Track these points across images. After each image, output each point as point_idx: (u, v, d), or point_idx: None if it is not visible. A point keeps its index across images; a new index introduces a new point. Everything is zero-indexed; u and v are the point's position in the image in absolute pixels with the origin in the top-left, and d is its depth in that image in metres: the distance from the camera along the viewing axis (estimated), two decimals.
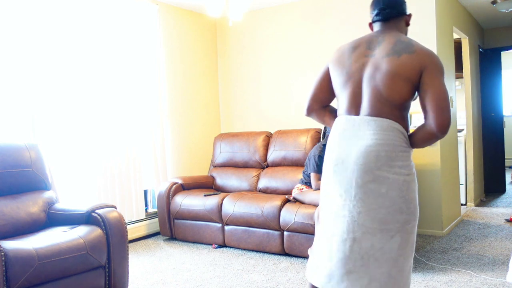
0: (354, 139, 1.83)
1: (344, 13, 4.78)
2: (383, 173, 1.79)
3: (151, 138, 4.68)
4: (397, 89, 1.79)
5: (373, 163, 1.78)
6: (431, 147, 4.37)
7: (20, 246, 2.52)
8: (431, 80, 1.76)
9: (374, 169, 1.79)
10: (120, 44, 4.36)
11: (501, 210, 5.36)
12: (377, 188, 1.79)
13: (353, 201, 1.80)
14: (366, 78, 1.85)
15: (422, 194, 4.43)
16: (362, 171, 1.79)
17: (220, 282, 3.28)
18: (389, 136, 1.80)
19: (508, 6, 5.06)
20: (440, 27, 4.45)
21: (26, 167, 3.14)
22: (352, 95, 1.88)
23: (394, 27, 1.95)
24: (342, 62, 1.93)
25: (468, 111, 5.74)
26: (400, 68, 1.78)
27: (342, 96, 1.92)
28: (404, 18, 1.99)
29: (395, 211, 1.81)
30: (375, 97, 1.82)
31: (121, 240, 2.99)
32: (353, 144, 1.82)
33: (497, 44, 6.64)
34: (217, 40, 5.68)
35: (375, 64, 1.83)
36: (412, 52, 1.79)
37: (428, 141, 1.87)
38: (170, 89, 5.03)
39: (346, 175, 1.82)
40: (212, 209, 4.18)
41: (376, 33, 1.95)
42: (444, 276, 3.22)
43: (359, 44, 1.92)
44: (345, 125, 1.88)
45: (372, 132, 1.80)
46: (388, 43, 1.84)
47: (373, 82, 1.82)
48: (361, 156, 1.80)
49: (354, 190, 1.80)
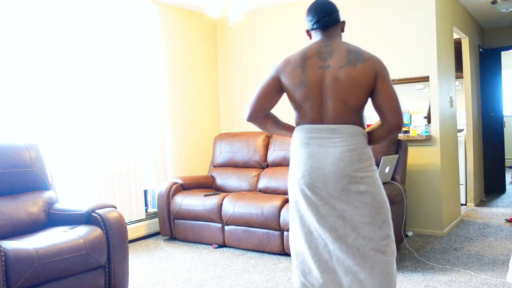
0: (324, 146, 1.95)
1: (344, 12, 4.76)
2: (358, 174, 1.94)
3: (151, 138, 4.68)
4: (358, 96, 1.95)
5: (349, 167, 1.92)
6: (431, 147, 4.37)
7: (20, 246, 2.52)
8: (384, 85, 1.95)
9: (351, 172, 1.92)
10: (120, 44, 4.36)
11: (501, 210, 5.36)
12: (356, 188, 1.93)
13: (338, 202, 1.93)
14: (327, 89, 1.95)
15: (422, 194, 4.43)
16: (340, 176, 1.92)
17: (220, 282, 3.28)
18: (357, 141, 1.96)
19: (508, 6, 5.07)
20: (440, 27, 4.45)
21: (26, 167, 3.14)
22: (315, 105, 1.98)
23: (335, 34, 2.07)
24: (297, 75, 1.99)
25: (468, 111, 5.74)
26: (358, 77, 1.92)
27: (304, 107, 2.01)
28: (340, 25, 2.11)
29: (378, 204, 1.97)
30: (339, 105, 1.95)
31: (121, 240, 2.99)
32: (326, 152, 1.94)
33: (497, 44, 6.64)
34: (217, 40, 5.68)
35: (333, 74, 1.94)
36: (365, 60, 1.94)
37: (387, 138, 2.07)
38: (170, 89, 5.03)
39: (325, 181, 1.93)
40: (212, 209, 4.18)
41: (321, 42, 2.03)
42: (444, 276, 3.22)
43: (310, 55, 2.00)
44: (312, 134, 1.98)
45: (342, 139, 1.94)
46: (339, 53, 1.96)
47: (336, 92, 1.94)
48: (337, 162, 1.92)
49: (336, 193, 1.93)
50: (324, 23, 2.06)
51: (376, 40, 4.60)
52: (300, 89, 1.99)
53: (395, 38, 4.50)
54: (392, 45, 4.52)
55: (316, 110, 1.98)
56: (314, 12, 2.10)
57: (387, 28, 4.54)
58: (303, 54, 2.02)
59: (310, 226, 1.98)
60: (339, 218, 1.93)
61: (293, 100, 2.04)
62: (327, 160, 1.93)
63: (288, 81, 2.02)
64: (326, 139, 1.95)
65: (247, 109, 2.09)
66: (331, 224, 1.94)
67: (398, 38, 4.49)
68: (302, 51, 2.04)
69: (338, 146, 1.93)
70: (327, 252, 1.96)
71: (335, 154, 1.93)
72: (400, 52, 4.48)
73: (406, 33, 4.44)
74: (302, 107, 2.01)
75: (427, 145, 4.39)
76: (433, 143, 4.37)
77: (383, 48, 4.57)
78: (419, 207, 4.44)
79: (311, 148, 1.97)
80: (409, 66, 4.46)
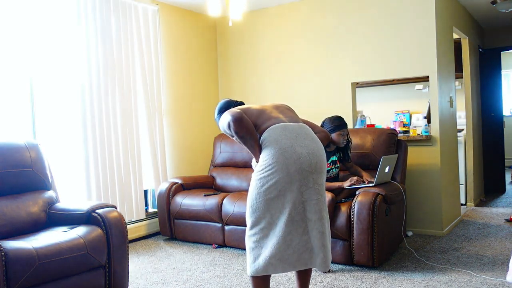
0: (302, 139, 2.36)
1: (344, 13, 4.78)
2: (325, 160, 2.47)
3: (151, 138, 4.68)
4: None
5: (324, 155, 2.43)
6: (431, 147, 4.37)
7: (20, 246, 2.52)
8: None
9: (324, 159, 2.44)
10: (120, 44, 4.35)
11: (501, 210, 5.36)
12: (325, 172, 2.45)
13: (320, 185, 2.37)
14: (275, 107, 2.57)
15: (422, 194, 4.43)
16: (322, 160, 2.40)
17: (220, 282, 3.28)
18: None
19: (508, 6, 5.07)
20: (440, 27, 4.45)
21: (26, 167, 3.14)
22: (275, 115, 2.46)
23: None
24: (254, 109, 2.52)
25: (468, 111, 5.74)
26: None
27: (266, 120, 2.44)
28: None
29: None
30: (290, 112, 2.56)
31: (121, 240, 2.99)
32: (307, 142, 2.36)
33: (497, 44, 6.64)
34: (217, 40, 5.68)
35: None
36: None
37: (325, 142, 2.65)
38: (170, 89, 5.03)
39: (312, 165, 2.32)
40: (212, 209, 4.18)
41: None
42: (444, 276, 3.22)
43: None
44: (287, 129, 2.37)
45: (312, 134, 2.45)
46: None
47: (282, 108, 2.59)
48: (317, 149, 2.39)
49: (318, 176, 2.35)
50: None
51: (376, 40, 4.60)
52: (257, 112, 2.49)
53: (395, 38, 4.50)
54: (392, 45, 4.52)
55: (278, 117, 2.45)
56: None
57: (387, 28, 4.54)
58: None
59: (292, 211, 2.30)
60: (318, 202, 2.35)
61: (255, 122, 2.45)
62: (311, 146, 2.36)
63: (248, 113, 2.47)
64: (301, 133, 2.39)
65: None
66: (312, 208, 2.33)
67: (398, 38, 4.49)
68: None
69: (314, 138, 2.43)
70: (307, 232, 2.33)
71: (315, 143, 2.41)
72: (400, 52, 4.49)
73: (406, 33, 4.44)
74: (266, 123, 2.44)
75: (427, 145, 4.39)
76: (433, 143, 4.37)
77: (383, 48, 4.57)
78: (419, 207, 4.44)
79: (294, 141, 2.34)
80: (409, 66, 4.46)
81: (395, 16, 4.50)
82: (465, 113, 5.76)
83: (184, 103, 5.20)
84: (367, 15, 4.65)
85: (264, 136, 2.38)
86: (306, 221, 2.33)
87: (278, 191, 2.30)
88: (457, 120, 5.22)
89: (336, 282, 3.17)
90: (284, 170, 2.28)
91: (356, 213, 3.38)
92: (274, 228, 2.31)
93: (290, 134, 2.34)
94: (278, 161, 2.29)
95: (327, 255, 2.38)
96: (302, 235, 2.32)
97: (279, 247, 2.30)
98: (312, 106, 4.94)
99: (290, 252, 2.31)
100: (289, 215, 2.29)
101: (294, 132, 2.36)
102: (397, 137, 4.09)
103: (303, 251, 2.33)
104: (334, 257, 3.53)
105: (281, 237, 2.29)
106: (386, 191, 3.45)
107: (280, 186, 2.29)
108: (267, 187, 2.31)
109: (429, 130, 4.46)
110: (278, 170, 2.28)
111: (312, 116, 3.84)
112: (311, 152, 2.33)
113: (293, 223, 2.30)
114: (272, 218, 2.32)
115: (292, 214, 2.30)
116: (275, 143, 2.32)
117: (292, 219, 2.30)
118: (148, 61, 4.67)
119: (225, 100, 2.72)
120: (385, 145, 3.96)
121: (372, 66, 4.65)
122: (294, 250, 2.32)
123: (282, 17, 5.17)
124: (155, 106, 4.76)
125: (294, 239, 2.31)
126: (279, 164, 2.28)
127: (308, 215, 2.33)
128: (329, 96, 4.90)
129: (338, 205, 3.53)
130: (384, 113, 6.46)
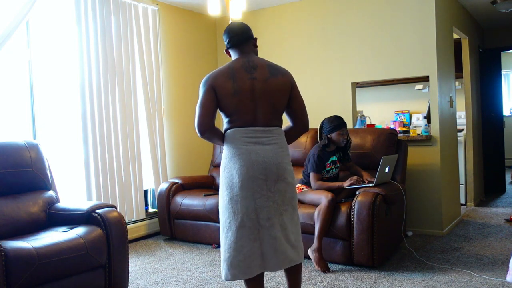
0: (261, 144, 2.34)
1: (344, 13, 4.78)
2: (287, 167, 2.41)
3: (151, 138, 4.68)
4: (283, 102, 2.41)
5: (284, 161, 2.39)
6: (431, 147, 4.37)
7: (20, 246, 2.52)
8: (297, 93, 2.47)
9: (285, 165, 2.39)
10: (120, 44, 4.35)
11: (501, 210, 5.37)
12: (286, 178, 2.39)
13: (274, 192, 2.34)
14: (258, 96, 2.34)
15: (422, 194, 4.43)
16: (279, 168, 2.35)
17: (220, 282, 3.28)
18: (283, 140, 2.44)
19: (508, 6, 5.07)
20: (440, 27, 4.45)
21: (26, 167, 3.14)
22: (248, 111, 2.34)
23: (249, 50, 2.46)
24: (230, 85, 2.32)
25: (468, 111, 5.74)
26: (281, 86, 2.39)
27: (237, 113, 2.34)
28: (252, 41, 2.49)
29: (294, 191, 2.45)
30: (269, 110, 2.36)
31: (121, 240, 2.99)
32: (264, 149, 2.33)
33: (497, 44, 6.64)
34: (217, 40, 5.68)
35: (261, 84, 2.34)
36: (283, 74, 2.43)
37: (297, 137, 2.58)
38: (170, 89, 5.03)
39: (266, 173, 2.32)
40: (212, 209, 4.18)
41: (243, 58, 2.41)
42: (444, 276, 3.22)
43: (237, 69, 2.35)
44: (249, 134, 2.33)
45: (275, 138, 2.38)
46: (261, 67, 2.38)
47: (266, 98, 2.35)
48: (275, 156, 2.35)
49: (273, 184, 2.33)
50: (233, 42, 2.45)
51: (376, 40, 4.60)
52: (233, 97, 2.32)
53: (395, 38, 4.50)
54: (392, 45, 4.52)
55: (249, 115, 2.34)
56: (227, 34, 2.48)
57: (387, 28, 4.54)
58: (230, 68, 2.36)
59: (244, 217, 2.29)
60: (275, 208, 2.33)
61: (226, 108, 2.35)
62: (266, 154, 2.33)
63: (221, 91, 2.32)
64: (261, 138, 2.34)
65: (198, 125, 2.33)
66: (265, 215, 2.30)
67: (398, 38, 4.49)
68: (229, 66, 2.38)
69: (272, 143, 2.36)
70: (258, 238, 2.30)
71: (273, 151, 2.35)
72: (400, 52, 4.48)
73: (406, 33, 4.44)
74: (234, 113, 2.34)
75: (427, 145, 4.39)
76: (433, 143, 4.37)
77: (383, 48, 4.57)
78: (419, 207, 4.44)
79: (250, 147, 2.32)
80: (409, 66, 4.46)
81: (395, 16, 4.50)
82: (465, 113, 5.76)
83: (184, 103, 5.20)
84: (367, 15, 4.65)
85: (226, 134, 2.39)
86: (258, 228, 2.31)
87: (232, 195, 2.32)
88: (457, 120, 5.22)
89: (336, 282, 3.17)
90: (238, 176, 2.30)
91: (356, 213, 3.38)
92: (227, 233, 2.33)
93: (250, 140, 2.33)
94: (234, 166, 2.32)
95: (280, 257, 2.33)
96: (254, 241, 2.30)
97: (230, 252, 2.31)
98: (312, 106, 4.91)
99: (241, 258, 2.30)
100: (241, 221, 2.30)
101: (254, 137, 2.33)
102: (397, 137, 4.09)
103: (254, 258, 2.31)
104: (334, 257, 3.53)
105: (233, 242, 2.30)
106: (386, 191, 3.45)
107: (234, 191, 2.32)
108: (223, 190, 2.37)
109: (429, 130, 4.46)
110: (233, 174, 2.32)
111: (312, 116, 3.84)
112: (266, 160, 2.31)
113: (244, 229, 2.30)
114: (226, 222, 2.35)
115: (244, 220, 2.30)
116: (233, 148, 2.34)
117: (244, 225, 2.30)
118: (148, 61, 4.67)
119: None
120: (385, 145, 3.96)
121: (372, 66, 4.65)
122: (245, 257, 2.30)
123: (282, 17, 5.17)
124: (155, 106, 4.75)
125: (244, 246, 2.30)
126: (234, 170, 2.32)
127: (261, 222, 2.31)
128: (329, 96, 4.90)
129: (338, 205, 3.53)
130: (384, 113, 6.46)
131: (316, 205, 3.53)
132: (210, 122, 2.34)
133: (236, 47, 2.45)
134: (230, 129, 2.37)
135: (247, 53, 2.44)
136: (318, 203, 3.51)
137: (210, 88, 2.33)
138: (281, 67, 2.46)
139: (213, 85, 2.33)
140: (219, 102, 2.34)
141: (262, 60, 2.44)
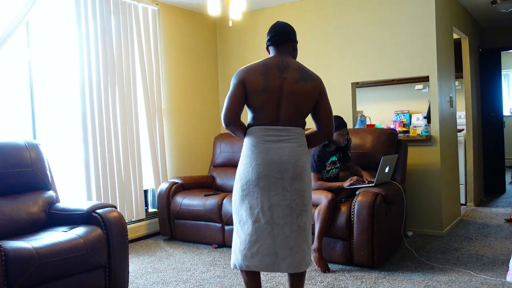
0: (280, 143, 2.36)
1: (344, 13, 4.78)
2: (305, 166, 2.41)
3: (151, 138, 4.68)
4: (307, 106, 2.43)
5: (302, 160, 2.39)
6: (431, 147, 4.37)
7: (20, 246, 2.52)
8: (324, 100, 2.47)
9: (302, 164, 2.39)
10: (120, 44, 4.35)
11: (501, 210, 5.37)
12: (303, 177, 2.39)
13: (290, 191, 2.34)
14: (285, 97, 2.36)
15: (422, 194, 4.43)
16: (296, 166, 2.35)
17: (220, 282, 3.28)
18: (303, 139, 2.44)
19: (508, 6, 5.07)
20: (440, 27, 4.45)
21: (26, 167, 3.14)
22: (273, 109, 2.36)
23: (286, 52, 2.47)
24: (261, 81, 2.34)
25: (468, 111, 5.74)
26: (309, 91, 2.40)
27: (262, 110, 2.37)
28: (292, 44, 2.50)
29: (310, 192, 2.44)
30: (292, 111, 2.38)
31: (121, 240, 2.99)
32: (282, 147, 2.35)
33: (497, 44, 6.64)
34: (217, 40, 5.68)
35: (290, 86, 2.36)
36: (313, 79, 2.42)
37: (320, 143, 2.67)
38: (170, 89, 5.03)
39: (282, 171, 2.33)
40: (212, 209, 4.18)
41: (278, 57, 2.43)
42: (444, 276, 3.23)
43: (270, 67, 2.37)
44: (269, 132, 2.36)
45: (294, 137, 2.39)
46: (294, 70, 2.39)
47: (292, 100, 2.36)
48: (292, 154, 2.36)
49: (290, 182, 2.34)
50: (274, 41, 2.46)
51: (376, 40, 4.60)
52: (262, 94, 2.34)
53: (395, 38, 4.50)
54: (392, 45, 4.52)
55: (273, 113, 2.36)
56: (270, 32, 2.49)
57: (387, 28, 4.54)
58: (264, 65, 2.37)
59: (259, 213, 2.32)
60: (289, 208, 2.33)
61: (253, 104, 2.38)
62: (283, 153, 2.34)
63: (251, 86, 2.34)
64: (281, 137, 2.36)
65: (224, 117, 2.37)
66: (280, 213, 2.32)
67: (398, 38, 4.49)
68: (263, 62, 2.39)
69: (291, 141, 2.37)
70: (272, 235, 2.31)
71: (291, 149, 2.36)
72: (400, 52, 4.49)
73: (406, 33, 4.44)
74: (260, 110, 2.37)
75: (427, 145, 4.40)
76: (433, 143, 4.37)
77: (383, 48, 4.57)
78: (419, 207, 4.44)
79: (269, 145, 2.35)
80: (409, 66, 4.46)
81: (395, 16, 4.50)
82: (465, 113, 5.76)
83: (184, 103, 5.20)
84: (367, 15, 4.65)
85: (248, 130, 2.44)
86: (272, 225, 2.33)
87: (248, 192, 2.36)
88: (457, 120, 5.22)
89: (336, 282, 3.17)
90: (254, 174, 2.34)
91: (356, 213, 3.38)
92: (244, 225, 2.39)
93: (269, 138, 2.36)
94: (251, 163, 2.36)
95: (295, 258, 2.35)
96: (267, 239, 2.33)
97: (245, 244, 2.37)
98: None
99: (254, 252, 2.35)
100: (256, 217, 2.34)
101: (274, 135, 2.36)
102: (397, 137, 4.09)
103: (266, 254, 2.34)
104: (334, 257, 3.53)
105: (248, 235, 2.36)
106: (386, 191, 3.45)
107: (250, 187, 2.36)
108: (240, 185, 2.41)
109: (429, 130, 4.46)
110: (249, 171, 2.36)
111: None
112: (282, 159, 2.34)
113: (259, 226, 2.34)
114: (242, 216, 2.40)
115: (259, 217, 2.34)
116: (252, 145, 2.38)
117: (259, 222, 2.34)
118: (148, 61, 4.67)
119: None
120: (385, 145, 3.96)
121: (372, 66, 4.65)
122: (258, 251, 2.35)
123: (282, 17, 5.16)
124: (155, 106, 4.75)
125: (258, 241, 2.34)
126: (250, 167, 2.36)
127: (276, 220, 2.33)
128: (329, 96, 4.83)
129: (338, 205, 3.53)
130: (384, 113, 6.46)
131: (316, 205, 3.53)
132: (236, 115, 2.37)
133: (275, 46, 2.46)
134: (253, 126, 2.41)
135: (284, 54, 2.45)
136: (318, 203, 3.51)
137: (241, 82, 2.35)
138: (313, 73, 2.46)
139: (244, 79, 2.35)
140: (247, 97, 2.37)
141: (296, 63, 2.44)
